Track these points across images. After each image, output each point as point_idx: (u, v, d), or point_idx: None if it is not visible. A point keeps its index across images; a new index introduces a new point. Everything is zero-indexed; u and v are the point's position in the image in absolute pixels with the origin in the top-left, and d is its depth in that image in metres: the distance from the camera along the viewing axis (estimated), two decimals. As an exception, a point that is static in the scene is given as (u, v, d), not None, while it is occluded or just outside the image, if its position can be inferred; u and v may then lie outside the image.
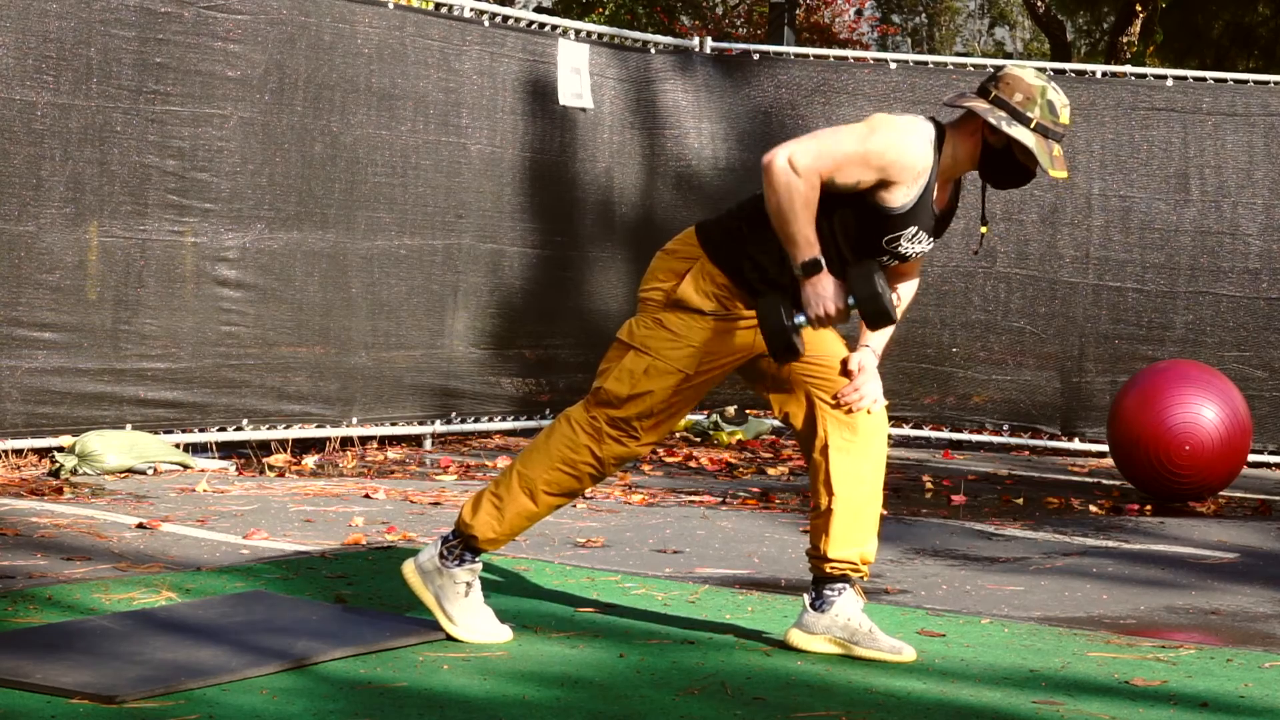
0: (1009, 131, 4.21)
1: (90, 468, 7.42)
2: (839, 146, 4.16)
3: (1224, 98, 10.37)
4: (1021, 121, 4.23)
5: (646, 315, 4.36)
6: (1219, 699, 4.09)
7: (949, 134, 4.30)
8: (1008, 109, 4.24)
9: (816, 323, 4.21)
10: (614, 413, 4.33)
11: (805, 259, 4.16)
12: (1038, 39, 37.49)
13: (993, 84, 4.29)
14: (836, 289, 4.19)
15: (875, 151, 4.16)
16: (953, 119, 4.36)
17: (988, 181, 4.39)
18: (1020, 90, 4.25)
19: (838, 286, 4.19)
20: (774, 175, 4.13)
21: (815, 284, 4.18)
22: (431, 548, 4.43)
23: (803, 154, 4.14)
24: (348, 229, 8.87)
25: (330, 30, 8.73)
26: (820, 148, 4.15)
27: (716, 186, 10.71)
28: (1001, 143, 4.27)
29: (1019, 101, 4.24)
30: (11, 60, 7.51)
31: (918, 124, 4.25)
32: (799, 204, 4.12)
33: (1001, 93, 4.26)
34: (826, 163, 4.14)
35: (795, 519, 7.04)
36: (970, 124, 4.31)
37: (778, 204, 4.14)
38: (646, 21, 21.11)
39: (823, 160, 4.14)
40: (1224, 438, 8.00)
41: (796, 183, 4.12)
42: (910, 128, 4.22)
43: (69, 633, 4.21)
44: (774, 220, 4.17)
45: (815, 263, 4.16)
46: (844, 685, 4.09)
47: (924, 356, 10.64)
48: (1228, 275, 10.35)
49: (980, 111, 4.24)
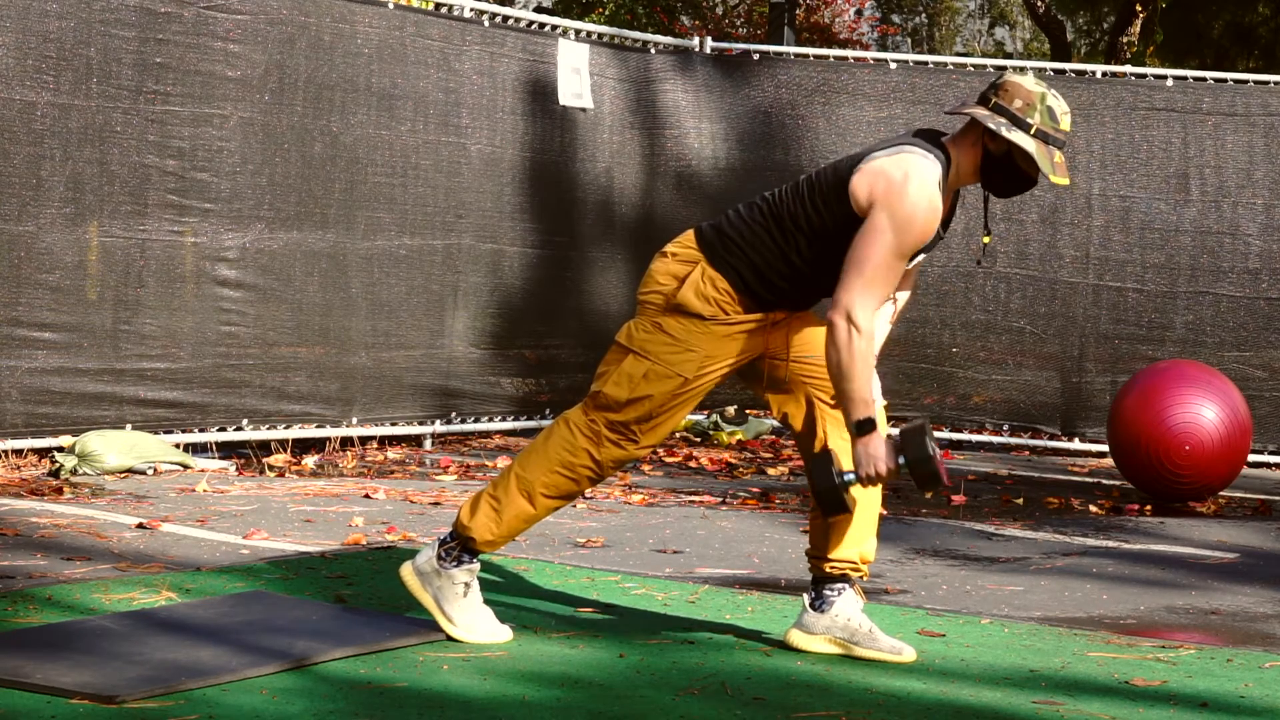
0: (1009, 137, 4.21)
1: (90, 468, 7.42)
2: (883, 270, 4.14)
3: (1224, 98, 10.37)
4: (1021, 128, 4.23)
5: (645, 319, 4.36)
6: (1219, 699, 4.09)
7: (952, 150, 4.28)
8: (1008, 115, 4.24)
9: (866, 481, 4.22)
10: (613, 417, 4.33)
11: (860, 417, 4.17)
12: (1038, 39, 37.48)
13: (993, 91, 4.28)
14: (889, 449, 4.18)
15: (911, 244, 4.16)
16: (954, 131, 4.36)
17: (990, 189, 4.37)
18: (1020, 97, 4.25)
19: (890, 446, 4.19)
20: (837, 334, 4.14)
21: (868, 443, 4.18)
22: (428, 550, 4.43)
23: (859, 308, 4.12)
24: (348, 229, 8.87)
25: (330, 30, 8.73)
26: (871, 289, 4.13)
27: (716, 186, 10.71)
28: (1002, 149, 4.27)
29: (1019, 108, 4.24)
30: (11, 60, 7.51)
31: (926, 175, 4.17)
32: (859, 365, 4.13)
33: (1001, 99, 4.25)
34: (881, 297, 4.16)
35: (795, 519, 7.04)
36: (971, 134, 4.30)
37: (838, 361, 4.15)
38: (646, 21, 21.10)
39: (878, 298, 4.15)
40: (1224, 438, 8.00)
41: (859, 343, 4.12)
42: (923, 189, 4.15)
43: (69, 633, 4.21)
44: (831, 375, 4.19)
45: (869, 422, 4.17)
46: (844, 685, 4.09)
47: (924, 356, 10.64)
48: (1228, 275, 10.35)
49: (980, 118, 4.24)
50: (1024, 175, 4.31)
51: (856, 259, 4.15)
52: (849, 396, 4.17)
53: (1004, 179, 4.32)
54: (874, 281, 4.14)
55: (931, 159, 4.20)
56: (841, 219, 4.22)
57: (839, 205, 4.22)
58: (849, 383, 4.15)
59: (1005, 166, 4.30)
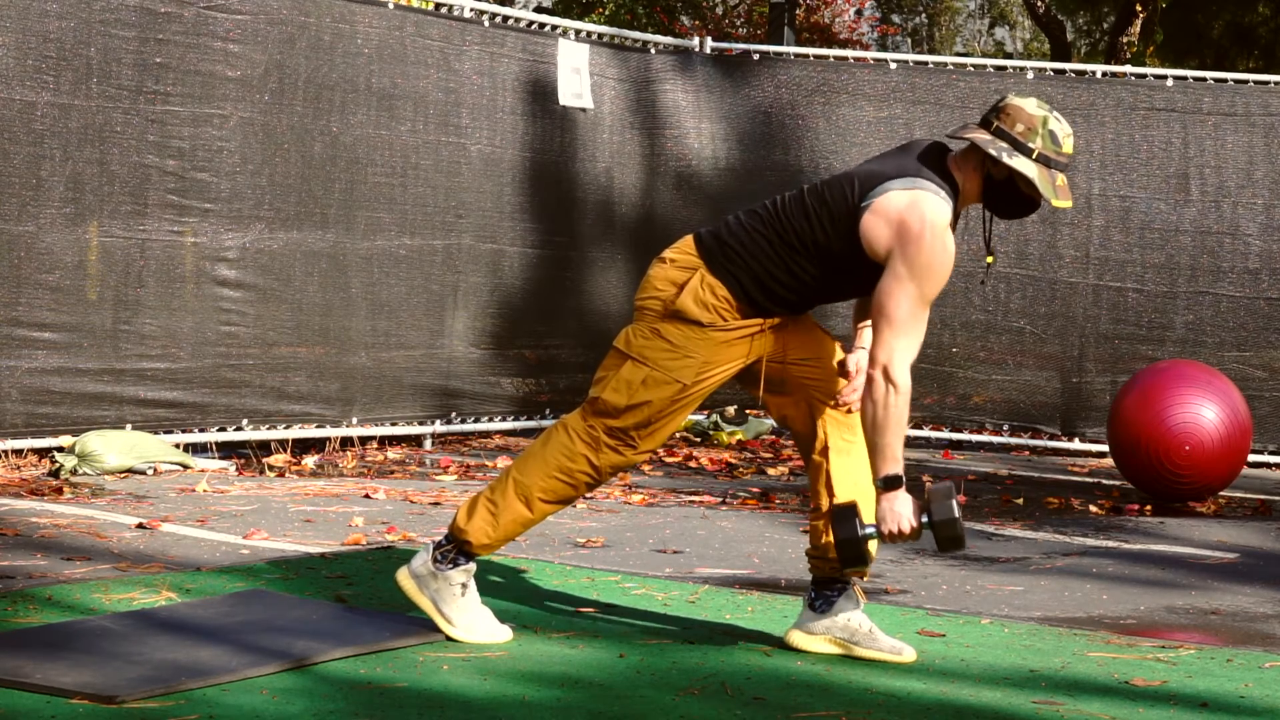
0: (1010, 163, 4.20)
1: (90, 468, 7.42)
2: (912, 321, 4.14)
3: (1224, 98, 10.37)
4: (1023, 152, 4.22)
5: (644, 324, 4.35)
6: (1219, 699, 4.09)
7: (957, 174, 4.26)
8: (1009, 140, 4.23)
9: (888, 538, 4.21)
10: (612, 422, 4.33)
11: (889, 473, 4.17)
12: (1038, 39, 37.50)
13: (995, 115, 4.27)
14: (915, 508, 4.19)
15: (932, 290, 4.16)
16: (957, 150, 4.34)
17: (993, 212, 4.37)
18: (1021, 121, 4.24)
19: (916, 506, 4.19)
20: (875, 390, 4.13)
21: (893, 500, 4.18)
22: (424, 553, 4.43)
23: (896, 365, 4.12)
24: (347, 229, 8.87)
25: (330, 30, 8.73)
26: (905, 342, 4.13)
27: (716, 186, 10.71)
28: (1003, 174, 4.26)
29: (1020, 132, 4.23)
30: (11, 60, 7.51)
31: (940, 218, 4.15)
32: (894, 421, 4.13)
33: (1003, 124, 4.24)
34: (915, 347, 4.16)
35: (795, 519, 7.04)
36: (974, 157, 4.29)
37: (874, 417, 4.15)
38: (646, 21, 21.10)
39: (913, 350, 4.15)
40: (1224, 438, 8.00)
41: (895, 400, 4.12)
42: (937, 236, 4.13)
43: (69, 633, 4.21)
44: (865, 429, 4.19)
45: (897, 479, 4.17)
46: (844, 685, 4.09)
47: (924, 356, 10.62)
48: (1228, 275, 10.35)
49: (982, 144, 4.22)
50: (1026, 199, 4.30)
51: (886, 314, 4.13)
52: (880, 452, 4.17)
53: (1006, 202, 4.31)
54: (906, 334, 4.13)
55: (943, 196, 4.18)
56: (850, 248, 4.21)
57: (849, 238, 4.19)
58: (882, 437, 4.15)
59: (1007, 190, 4.29)
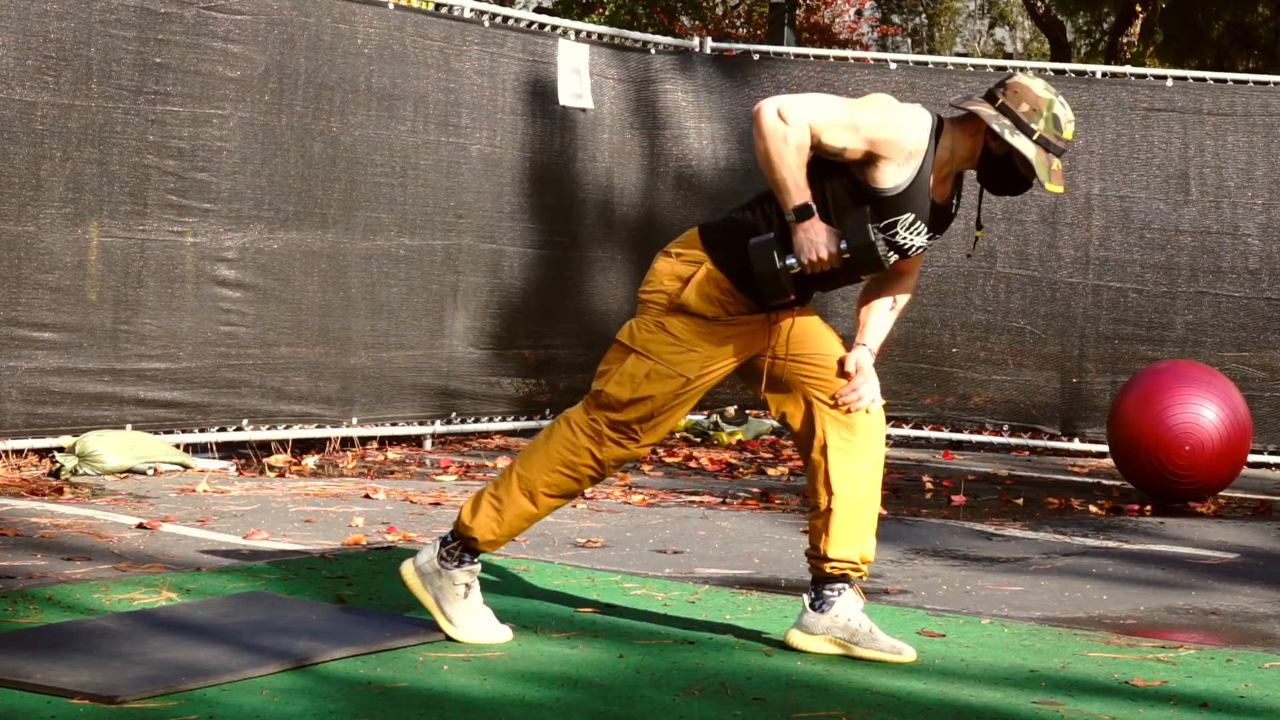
0: (1011, 141, 4.21)
1: (90, 468, 7.42)
2: (829, 107, 4.20)
3: (1224, 98, 10.37)
4: (1025, 132, 4.23)
5: (648, 318, 4.35)
6: (1219, 699, 4.09)
7: (949, 127, 4.30)
8: (1012, 117, 4.24)
9: (809, 267, 4.23)
10: (614, 416, 4.33)
11: (796, 204, 4.19)
12: (1038, 39, 37.48)
13: (1001, 90, 4.28)
14: (830, 235, 4.21)
15: (864, 122, 4.19)
16: (956, 114, 4.36)
17: (985, 186, 4.39)
18: (1027, 100, 4.25)
19: (830, 232, 4.21)
20: (763, 122, 4.16)
21: (807, 229, 4.20)
22: (429, 549, 4.43)
23: (793, 106, 4.17)
24: (347, 229, 8.87)
25: (330, 30, 8.73)
26: (811, 103, 4.18)
27: (716, 186, 10.71)
28: (1003, 150, 4.28)
29: (1025, 111, 4.24)
30: (11, 60, 7.51)
31: (914, 109, 4.28)
32: (788, 149, 4.15)
33: (1008, 100, 4.25)
34: (816, 117, 4.16)
35: (795, 519, 7.04)
36: (974, 122, 4.31)
37: (766, 150, 4.17)
38: (646, 22, 21.10)
39: (813, 114, 4.17)
40: (1224, 438, 8.00)
41: (786, 129, 4.14)
42: (904, 109, 4.26)
43: (69, 633, 4.21)
44: (764, 167, 4.20)
45: (806, 208, 4.19)
46: (844, 685, 4.09)
47: (924, 356, 10.64)
48: (1228, 275, 10.35)
49: (985, 117, 4.24)
50: (1020, 177, 4.31)
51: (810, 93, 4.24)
52: (782, 185, 4.18)
53: (1000, 178, 4.33)
54: (813, 100, 4.18)
55: (924, 111, 4.27)
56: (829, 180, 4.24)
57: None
58: (779, 170, 4.17)
59: (1003, 167, 4.30)
